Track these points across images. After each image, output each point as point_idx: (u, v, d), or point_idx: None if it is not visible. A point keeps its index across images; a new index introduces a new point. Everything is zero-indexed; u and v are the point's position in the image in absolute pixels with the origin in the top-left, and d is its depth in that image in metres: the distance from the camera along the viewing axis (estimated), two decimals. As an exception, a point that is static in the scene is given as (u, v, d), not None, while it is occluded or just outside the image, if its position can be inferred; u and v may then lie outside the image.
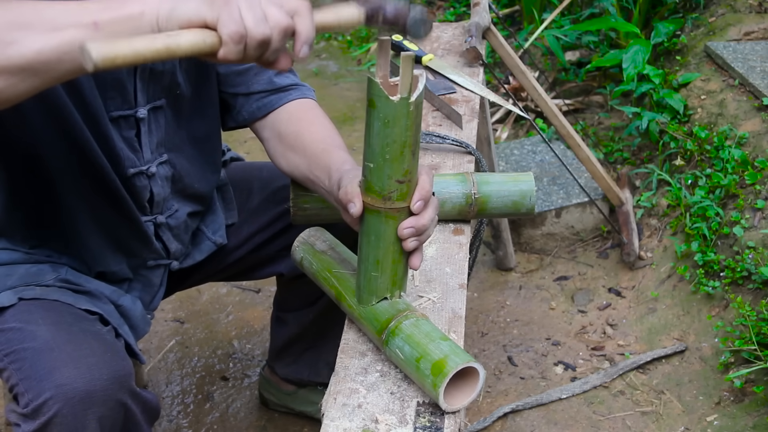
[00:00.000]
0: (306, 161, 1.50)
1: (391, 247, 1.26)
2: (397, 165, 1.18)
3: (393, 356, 1.27)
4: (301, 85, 1.66)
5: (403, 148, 1.17)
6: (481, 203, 1.58)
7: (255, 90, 1.61)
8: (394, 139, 1.16)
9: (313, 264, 1.45)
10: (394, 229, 1.24)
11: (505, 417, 2.21)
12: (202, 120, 1.62)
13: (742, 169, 2.51)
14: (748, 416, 2.07)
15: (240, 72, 1.60)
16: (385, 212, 1.23)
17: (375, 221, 1.24)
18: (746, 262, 2.29)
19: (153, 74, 1.47)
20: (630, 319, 2.50)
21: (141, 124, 1.49)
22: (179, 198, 1.64)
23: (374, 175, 1.20)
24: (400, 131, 1.16)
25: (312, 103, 1.65)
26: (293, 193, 1.54)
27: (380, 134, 1.17)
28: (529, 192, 1.59)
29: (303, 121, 1.60)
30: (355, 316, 1.35)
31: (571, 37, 3.39)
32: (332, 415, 1.22)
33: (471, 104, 1.98)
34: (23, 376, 1.34)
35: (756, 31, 3.04)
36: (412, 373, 1.24)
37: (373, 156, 1.19)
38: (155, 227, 1.60)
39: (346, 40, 4.28)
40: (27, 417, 1.33)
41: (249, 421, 2.25)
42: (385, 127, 1.16)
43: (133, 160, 1.50)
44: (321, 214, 1.55)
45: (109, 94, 1.43)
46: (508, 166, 2.92)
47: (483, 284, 2.71)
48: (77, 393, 1.30)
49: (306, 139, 1.55)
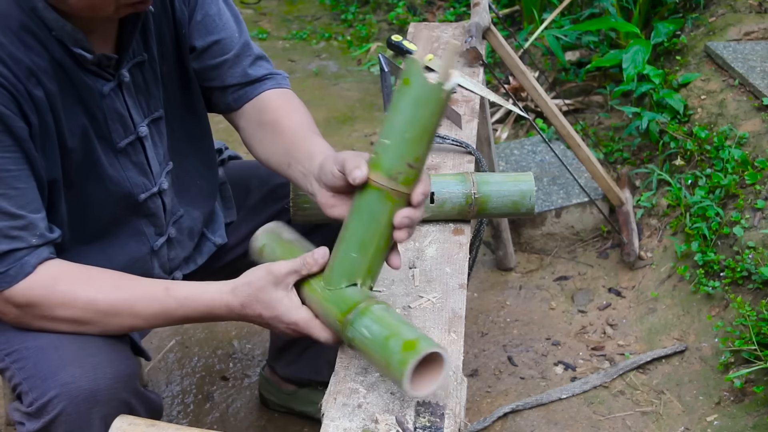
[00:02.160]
0: (284, 147, 1.53)
1: (380, 231, 1.24)
2: (413, 148, 1.18)
3: (356, 336, 1.21)
4: (276, 74, 1.68)
5: (423, 133, 1.18)
6: (481, 203, 1.58)
7: (230, 83, 1.63)
8: (418, 120, 1.17)
9: (276, 250, 1.41)
10: (389, 214, 1.23)
11: (505, 417, 2.21)
12: (195, 117, 1.63)
13: (742, 169, 2.51)
14: (748, 416, 2.07)
15: (214, 66, 1.61)
16: (387, 192, 1.21)
17: (373, 199, 1.22)
18: (746, 262, 2.29)
19: (137, 87, 1.47)
20: (630, 319, 2.50)
21: (145, 142, 1.51)
22: (185, 201, 1.65)
23: (388, 151, 1.20)
24: (426, 114, 1.17)
25: (288, 92, 1.67)
26: (293, 192, 1.54)
27: (407, 113, 1.17)
28: (529, 192, 1.59)
29: (280, 110, 1.62)
30: (316, 300, 1.30)
31: (571, 37, 3.39)
32: (332, 415, 1.22)
33: (471, 104, 1.98)
34: (27, 374, 1.34)
35: (756, 31, 3.04)
36: (376, 352, 1.18)
37: (393, 133, 1.19)
38: (167, 242, 1.61)
39: (346, 40, 4.29)
40: (31, 415, 1.33)
41: (249, 421, 2.25)
42: (414, 106, 1.17)
43: (142, 186, 1.52)
44: (320, 214, 1.54)
45: (113, 127, 1.45)
46: (508, 166, 2.92)
47: (483, 284, 2.71)
48: (82, 392, 1.31)
49: (284, 126, 1.58)
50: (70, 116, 1.37)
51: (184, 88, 1.59)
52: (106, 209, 1.49)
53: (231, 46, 1.61)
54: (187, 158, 1.64)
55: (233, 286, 1.35)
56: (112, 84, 1.42)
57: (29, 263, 1.31)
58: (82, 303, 1.33)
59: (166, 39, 1.51)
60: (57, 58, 1.33)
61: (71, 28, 1.32)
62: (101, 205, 1.47)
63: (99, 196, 1.46)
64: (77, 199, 1.44)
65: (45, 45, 1.31)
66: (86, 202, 1.46)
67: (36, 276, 1.32)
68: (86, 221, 1.47)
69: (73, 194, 1.43)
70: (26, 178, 1.31)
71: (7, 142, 1.28)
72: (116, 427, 1.25)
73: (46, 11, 1.30)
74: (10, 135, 1.28)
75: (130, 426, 1.25)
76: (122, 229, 1.53)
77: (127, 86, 1.45)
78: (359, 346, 1.23)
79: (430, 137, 1.20)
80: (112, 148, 1.45)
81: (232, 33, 1.61)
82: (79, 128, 1.39)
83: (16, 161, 1.29)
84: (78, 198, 1.44)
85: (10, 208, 1.29)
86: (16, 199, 1.30)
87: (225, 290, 1.35)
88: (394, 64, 2.05)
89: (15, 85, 1.27)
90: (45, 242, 1.34)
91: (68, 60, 1.35)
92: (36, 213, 1.33)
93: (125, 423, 1.25)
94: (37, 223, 1.33)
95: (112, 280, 1.37)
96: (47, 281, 1.32)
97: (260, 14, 4.64)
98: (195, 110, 1.63)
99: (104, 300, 1.34)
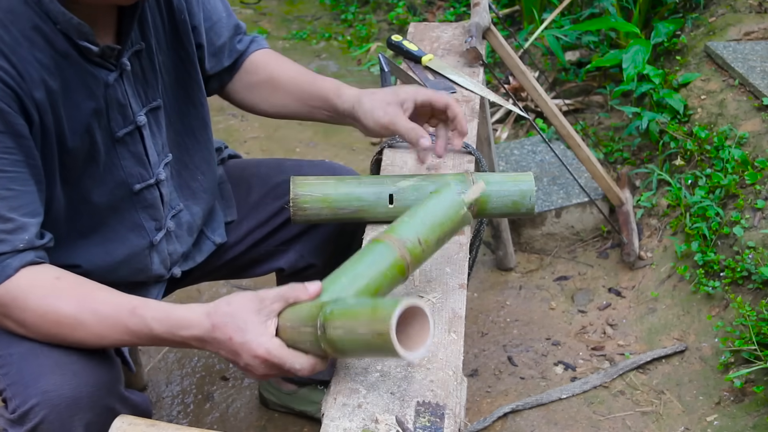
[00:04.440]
0: (294, 97, 1.69)
1: (377, 272, 1.28)
2: (427, 231, 1.31)
3: (335, 310, 1.16)
4: (256, 37, 1.78)
5: (439, 229, 1.32)
6: (480, 203, 1.58)
7: (224, 66, 1.72)
8: (443, 222, 1.32)
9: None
10: (391, 266, 1.29)
11: (505, 417, 2.21)
12: (194, 110, 1.64)
13: (742, 169, 2.51)
14: (748, 416, 2.07)
15: (211, 53, 1.67)
16: (396, 249, 1.29)
17: (382, 248, 1.29)
18: (746, 262, 2.29)
19: (135, 76, 1.48)
20: (630, 319, 2.50)
21: (143, 131, 1.50)
22: (185, 196, 1.65)
23: (405, 226, 1.31)
24: (450, 222, 1.33)
25: (269, 50, 1.78)
26: (293, 192, 1.54)
27: (436, 214, 1.32)
28: (529, 192, 1.58)
29: (270, 64, 1.74)
30: (292, 314, 1.25)
31: (571, 37, 3.39)
32: (332, 415, 1.22)
33: (471, 104, 1.98)
34: (10, 381, 1.34)
35: (756, 31, 3.04)
36: (358, 316, 1.13)
37: (414, 217, 1.32)
38: (166, 235, 1.61)
39: (347, 40, 4.28)
40: (14, 422, 1.33)
41: (249, 421, 2.25)
42: (441, 210, 1.32)
43: (138, 176, 1.52)
44: (321, 213, 1.55)
45: (112, 116, 1.45)
46: (508, 166, 2.92)
47: (483, 284, 2.71)
48: (63, 399, 1.30)
49: (283, 78, 1.71)
50: (73, 111, 1.37)
51: (183, 78, 1.59)
52: (101, 201, 1.48)
53: (222, 31, 1.67)
54: (187, 152, 1.64)
55: (211, 307, 1.27)
56: (115, 74, 1.42)
57: (11, 266, 1.29)
58: (51, 314, 1.30)
59: (160, 28, 1.52)
60: (61, 52, 1.33)
61: (77, 21, 1.32)
62: (97, 196, 1.47)
63: (95, 187, 1.46)
64: (74, 192, 1.44)
65: (49, 40, 1.31)
66: (83, 195, 1.45)
67: (15, 279, 1.30)
68: (83, 214, 1.47)
69: (70, 188, 1.43)
70: (24, 180, 1.30)
71: (7, 142, 1.28)
72: (116, 427, 1.24)
73: (51, 4, 1.30)
74: (11, 135, 1.28)
75: (130, 426, 1.24)
76: (121, 223, 1.53)
77: (128, 75, 1.45)
78: (339, 317, 1.16)
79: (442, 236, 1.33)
80: (110, 138, 1.45)
81: (220, 16, 1.67)
82: (83, 122, 1.39)
83: (14, 163, 1.29)
84: (74, 191, 1.44)
85: (2, 210, 1.28)
86: (8, 200, 1.29)
87: (198, 310, 1.27)
88: (394, 64, 2.05)
89: (19, 83, 1.27)
90: (31, 247, 1.32)
91: (73, 52, 1.35)
92: (30, 217, 1.31)
93: (125, 423, 1.25)
94: (27, 228, 1.31)
95: (83, 292, 1.32)
96: (24, 286, 1.30)
97: (260, 14, 4.64)
98: (194, 102, 1.63)
99: (70, 313, 1.29)
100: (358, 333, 1.12)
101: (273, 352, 1.22)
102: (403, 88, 1.57)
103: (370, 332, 1.10)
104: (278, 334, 1.24)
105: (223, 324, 1.23)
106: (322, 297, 1.26)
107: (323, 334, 1.17)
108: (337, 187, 1.54)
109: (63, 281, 1.32)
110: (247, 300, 1.25)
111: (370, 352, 1.15)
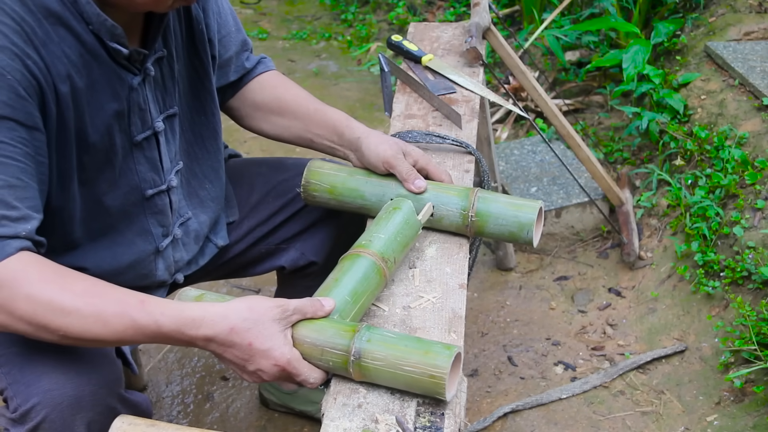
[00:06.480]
0: (299, 122, 1.70)
1: (370, 288, 1.40)
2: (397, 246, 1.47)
3: (374, 338, 1.25)
4: (263, 58, 1.79)
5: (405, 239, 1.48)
6: (478, 226, 1.56)
7: (231, 80, 1.74)
8: (405, 239, 1.48)
9: None
10: (377, 277, 1.41)
11: (505, 417, 2.21)
12: (206, 119, 1.65)
13: (742, 169, 2.51)
14: (748, 416, 2.07)
15: (220, 65, 1.68)
16: (377, 263, 1.41)
17: (367, 263, 1.40)
18: (746, 262, 2.29)
19: (156, 82, 1.49)
20: (630, 319, 2.50)
21: (159, 137, 1.52)
22: (193, 204, 1.66)
23: (380, 241, 1.45)
24: (410, 238, 1.50)
25: (277, 72, 1.80)
26: (305, 178, 1.65)
27: (401, 232, 1.47)
28: (527, 225, 1.52)
29: (279, 87, 1.75)
30: (314, 327, 1.30)
31: (571, 37, 3.39)
32: (332, 415, 1.22)
33: (471, 104, 1.98)
34: (12, 380, 1.34)
35: (756, 31, 3.04)
36: (407, 354, 1.21)
37: (386, 233, 1.47)
38: (172, 242, 1.61)
39: (347, 40, 4.28)
40: (16, 422, 1.33)
41: (249, 421, 2.25)
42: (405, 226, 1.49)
43: (151, 182, 1.53)
44: (329, 203, 1.67)
45: (132, 120, 1.46)
46: (508, 165, 2.92)
47: (483, 284, 2.71)
48: (65, 398, 1.30)
49: (290, 102, 1.72)
50: (96, 111, 1.38)
51: (197, 87, 1.60)
52: (114, 204, 1.48)
53: (230, 45, 1.68)
54: (197, 161, 1.65)
55: (229, 309, 1.26)
56: (139, 78, 1.43)
57: (12, 245, 1.24)
58: (55, 301, 1.23)
59: (179, 37, 1.53)
60: (91, 51, 1.34)
61: (111, 23, 1.33)
62: (111, 199, 1.47)
63: (109, 190, 1.46)
64: (89, 193, 1.44)
65: (81, 38, 1.32)
66: (97, 197, 1.45)
67: (16, 258, 1.24)
68: (97, 216, 1.47)
69: (87, 190, 1.43)
70: (30, 175, 1.30)
71: (23, 133, 1.27)
72: (116, 427, 1.24)
73: (87, 6, 1.31)
74: (27, 127, 1.27)
75: (130, 426, 1.24)
76: (130, 227, 1.53)
77: (150, 80, 1.46)
78: (382, 359, 1.22)
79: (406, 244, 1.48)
80: (129, 141, 1.46)
81: (229, 30, 1.67)
82: (105, 122, 1.40)
83: (26, 155, 1.28)
84: (89, 192, 1.44)
85: (9, 198, 1.25)
86: (16, 190, 1.26)
87: (212, 310, 1.25)
88: (394, 64, 2.05)
89: (45, 75, 1.28)
90: (32, 239, 1.28)
91: (102, 53, 1.36)
92: (34, 212, 1.30)
93: (125, 423, 1.25)
94: (30, 220, 1.28)
95: (86, 284, 1.27)
96: (22, 269, 1.23)
97: (260, 14, 4.64)
98: (206, 112, 1.64)
99: (70, 302, 1.23)
100: (404, 369, 1.21)
101: (293, 363, 1.26)
102: (411, 145, 1.64)
103: (420, 373, 1.20)
104: (294, 345, 1.28)
105: (244, 329, 1.24)
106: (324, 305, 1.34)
107: (357, 361, 1.23)
108: (345, 182, 1.63)
109: (65, 271, 1.28)
110: (269, 308, 1.26)
111: (408, 386, 1.23)
